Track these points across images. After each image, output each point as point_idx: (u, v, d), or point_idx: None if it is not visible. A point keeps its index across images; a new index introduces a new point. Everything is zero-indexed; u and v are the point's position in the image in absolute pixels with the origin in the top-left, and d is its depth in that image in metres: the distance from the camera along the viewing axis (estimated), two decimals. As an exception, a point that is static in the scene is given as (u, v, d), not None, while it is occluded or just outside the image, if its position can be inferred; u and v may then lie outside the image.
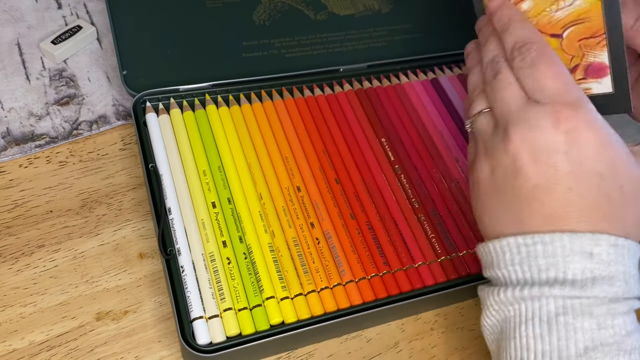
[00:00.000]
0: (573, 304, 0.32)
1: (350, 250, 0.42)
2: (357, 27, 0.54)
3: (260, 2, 0.53)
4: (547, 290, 0.32)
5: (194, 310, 0.38)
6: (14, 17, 0.53)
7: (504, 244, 0.34)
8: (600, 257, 0.32)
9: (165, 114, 0.46)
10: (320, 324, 0.39)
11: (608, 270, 0.32)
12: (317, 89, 0.50)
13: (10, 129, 0.47)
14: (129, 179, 0.47)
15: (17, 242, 0.43)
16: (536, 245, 0.33)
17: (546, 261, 0.32)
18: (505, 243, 0.33)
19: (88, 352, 0.39)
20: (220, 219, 0.42)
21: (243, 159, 0.45)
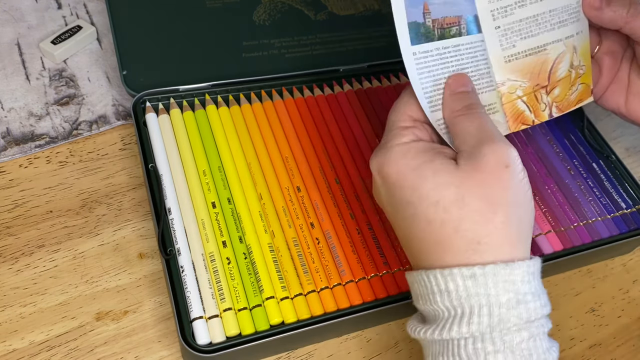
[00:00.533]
0: (446, 346, 0.31)
1: (350, 250, 0.42)
2: (357, 27, 0.54)
3: (260, 2, 0.53)
4: (427, 334, 0.31)
5: (193, 310, 0.38)
6: (14, 17, 0.53)
7: (407, 280, 0.35)
8: (457, 293, 0.30)
9: (165, 114, 0.46)
10: (320, 324, 0.39)
11: (467, 307, 0.30)
12: (317, 89, 0.50)
13: (10, 129, 0.47)
14: (129, 179, 0.47)
15: (17, 242, 0.43)
16: (414, 284, 0.33)
17: (423, 301, 0.32)
18: (407, 280, 0.35)
19: (88, 352, 0.39)
20: (220, 219, 0.42)
21: (243, 159, 0.45)
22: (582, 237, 0.46)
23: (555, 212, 0.46)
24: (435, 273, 0.31)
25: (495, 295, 0.30)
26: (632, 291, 0.48)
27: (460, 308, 0.30)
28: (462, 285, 0.30)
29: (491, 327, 0.30)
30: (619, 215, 0.47)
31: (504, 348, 0.29)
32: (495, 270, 0.30)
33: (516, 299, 0.30)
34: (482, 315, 0.30)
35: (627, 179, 0.50)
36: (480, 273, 0.30)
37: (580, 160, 0.50)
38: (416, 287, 0.33)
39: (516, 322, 0.30)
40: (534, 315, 0.30)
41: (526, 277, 0.31)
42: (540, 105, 0.42)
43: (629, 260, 0.50)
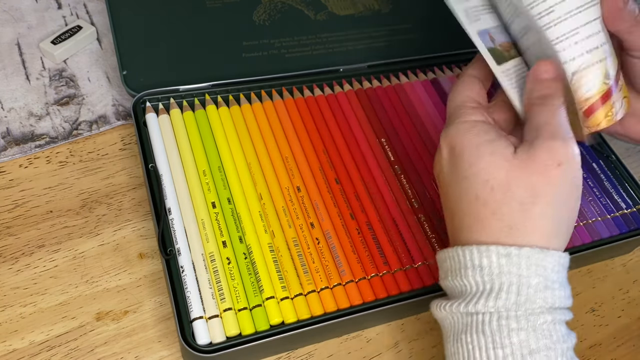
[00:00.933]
0: (470, 321, 0.32)
1: (350, 250, 0.42)
2: (357, 27, 0.54)
3: (260, 2, 0.53)
4: (453, 307, 0.33)
5: (193, 310, 0.38)
6: (14, 17, 0.53)
7: (437, 259, 0.36)
8: (490, 269, 0.32)
9: (165, 114, 0.46)
10: (320, 324, 0.39)
11: (497, 283, 0.31)
12: (317, 89, 0.50)
13: (10, 129, 0.47)
14: (129, 179, 0.47)
15: (17, 242, 0.43)
16: (446, 261, 0.34)
17: (452, 276, 0.33)
18: (437, 258, 0.36)
19: (88, 352, 0.39)
20: (220, 219, 0.42)
21: (243, 159, 0.45)
22: (582, 237, 0.46)
23: (555, 212, 0.46)
24: (472, 249, 0.32)
25: (526, 277, 0.31)
26: (632, 291, 0.48)
27: (490, 284, 0.31)
28: (496, 262, 0.31)
29: (517, 304, 0.31)
30: (619, 215, 0.47)
31: (528, 326, 0.31)
32: (530, 253, 0.31)
33: (545, 284, 0.31)
34: (511, 293, 0.31)
35: (627, 179, 0.50)
36: (516, 253, 0.31)
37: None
38: (448, 263, 0.34)
39: (541, 304, 0.31)
40: (558, 302, 0.32)
41: (557, 267, 0.32)
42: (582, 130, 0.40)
43: (629, 260, 0.50)
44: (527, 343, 0.31)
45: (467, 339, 0.32)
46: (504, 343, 0.31)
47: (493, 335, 0.31)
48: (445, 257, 0.34)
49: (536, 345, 0.30)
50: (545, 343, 0.31)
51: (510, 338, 0.31)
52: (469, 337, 0.32)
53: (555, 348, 0.31)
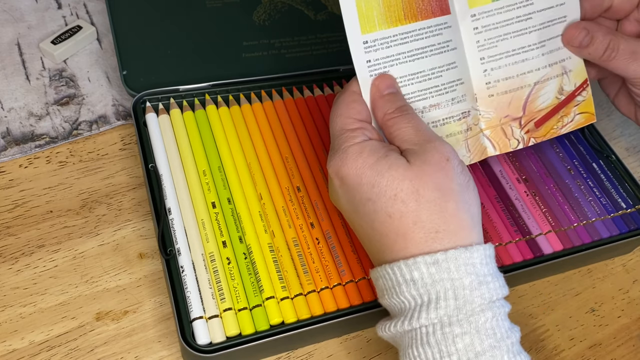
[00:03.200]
0: (415, 335, 0.32)
1: (350, 250, 0.42)
2: (357, 27, 0.54)
3: (260, 2, 0.53)
4: (396, 326, 0.32)
5: (193, 310, 0.38)
6: (14, 17, 0.53)
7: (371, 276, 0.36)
8: (422, 280, 0.32)
9: (165, 114, 0.46)
10: (320, 324, 0.39)
11: (433, 293, 0.31)
12: (317, 89, 0.50)
13: (10, 129, 0.47)
14: (129, 179, 0.47)
15: (17, 242, 0.43)
16: (378, 280, 0.34)
17: (389, 295, 0.33)
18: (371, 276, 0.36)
19: (88, 352, 0.39)
20: (220, 219, 0.42)
21: (243, 159, 0.45)
22: (582, 237, 0.46)
23: (555, 212, 0.46)
24: (400, 264, 0.32)
25: (458, 279, 0.31)
26: (632, 291, 0.48)
27: (427, 295, 0.31)
28: (427, 272, 0.31)
29: (458, 309, 0.31)
30: (619, 215, 0.47)
31: (471, 329, 0.31)
32: (456, 254, 0.31)
33: (478, 281, 0.32)
34: (448, 299, 0.31)
35: (627, 179, 0.50)
36: (443, 259, 0.31)
37: (580, 160, 0.50)
38: (381, 282, 0.34)
39: (480, 302, 0.31)
40: (495, 295, 0.32)
41: (484, 259, 0.32)
42: (509, 141, 0.41)
43: (629, 260, 0.50)
44: (472, 347, 0.31)
45: (415, 353, 0.31)
46: (450, 351, 0.31)
47: (439, 345, 0.31)
48: (377, 277, 0.34)
49: (481, 347, 0.31)
50: (490, 343, 0.31)
51: (456, 345, 0.31)
52: (415, 350, 0.31)
53: (500, 346, 0.31)
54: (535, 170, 0.48)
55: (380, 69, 0.37)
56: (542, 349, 0.44)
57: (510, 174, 0.47)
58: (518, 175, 0.48)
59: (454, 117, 0.39)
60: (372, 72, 0.36)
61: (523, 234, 0.45)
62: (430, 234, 0.32)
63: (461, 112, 0.39)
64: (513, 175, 0.47)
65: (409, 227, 0.32)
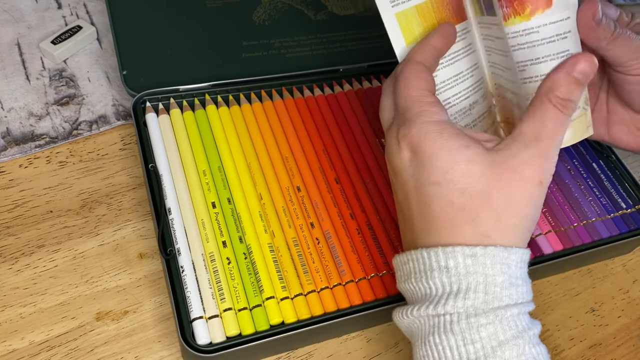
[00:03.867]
0: (438, 322, 0.32)
1: (350, 250, 0.42)
2: (357, 27, 0.54)
3: (260, 2, 0.53)
4: (420, 310, 0.32)
5: (193, 310, 0.38)
6: (14, 17, 0.53)
7: (395, 262, 0.35)
8: (456, 270, 0.31)
9: (165, 114, 0.46)
10: (320, 324, 0.39)
11: (464, 283, 0.31)
12: (317, 89, 0.50)
13: (10, 129, 0.47)
14: (129, 179, 0.47)
15: (17, 242, 0.43)
16: (408, 263, 0.34)
17: (415, 279, 0.33)
18: (395, 261, 0.35)
19: (88, 352, 0.39)
20: (220, 219, 0.42)
21: (243, 159, 0.45)
22: (582, 237, 0.46)
23: (555, 212, 0.46)
24: (437, 250, 0.32)
25: (492, 275, 0.31)
26: (632, 291, 0.48)
27: (457, 284, 0.31)
28: (463, 262, 0.31)
29: (486, 302, 0.31)
30: (619, 215, 0.47)
31: (495, 320, 0.31)
32: (495, 252, 0.31)
33: (509, 281, 0.32)
34: (478, 292, 0.31)
35: (627, 179, 0.50)
36: (481, 253, 0.31)
37: (580, 160, 0.50)
38: (410, 265, 0.33)
39: (507, 301, 0.31)
40: (521, 298, 0.32)
41: (519, 263, 0.32)
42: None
43: (629, 260, 0.50)
44: (495, 336, 0.31)
45: (436, 340, 0.31)
46: (474, 339, 0.31)
47: (463, 333, 0.31)
48: (406, 260, 0.34)
49: (504, 336, 0.31)
50: (513, 333, 0.31)
51: (480, 333, 0.31)
52: (438, 338, 0.31)
53: (522, 336, 0.31)
54: (535, 170, 0.48)
55: None
56: (542, 349, 0.44)
57: (510, 174, 0.47)
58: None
59: (486, 112, 0.41)
60: None
61: (523, 234, 0.45)
62: (479, 236, 0.32)
63: (489, 107, 0.41)
64: (513, 175, 0.47)
65: (463, 221, 0.32)
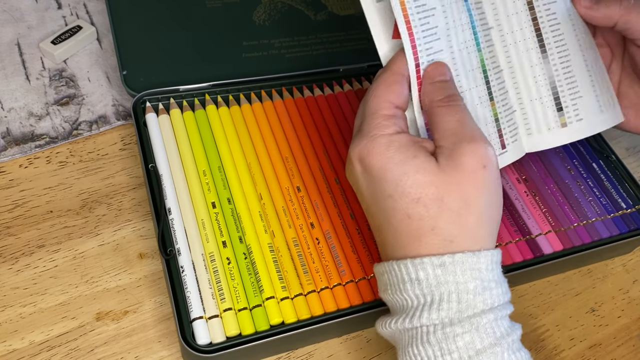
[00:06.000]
0: (415, 334, 0.32)
1: (350, 250, 0.42)
2: (357, 27, 0.54)
3: (260, 2, 0.53)
4: (397, 323, 0.32)
5: (193, 310, 0.38)
6: (14, 17, 0.53)
7: (375, 272, 0.36)
8: (427, 281, 0.31)
9: (165, 114, 0.46)
10: (320, 324, 0.39)
11: (437, 294, 0.31)
12: (317, 89, 0.50)
13: (10, 129, 0.47)
14: (129, 179, 0.47)
15: (17, 242, 0.43)
16: (384, 275, 0.34)
17: (392, 291, 0.33)
18: (375, 271, 0.35)
19: (88, 352, 0.39)
20: (220, 219, 0.42)
21: (243, 159, 0.45)
22: (582, 237, 0.46)
23: (555, 212, 0.46)
24: (407, 262, 0.32)
25: (463, 283, 0.31)
26: (632, 291, 0.48)
27: (430, 296, 0.31)
28: (432, 273, 0.31)
29: (460, 312, 0.31)
30: (619, 215, 0.47)
31: (472, 328, 0.31)
32: (464, 259, 0.31)
33: (482, 286, 0.32)
34: (452, 302, 0.31)
35: (627, 179, 0.50)
36: (450, 262, 0.31)
37: (580, 160, 0.50)
38: (386, 277, 0.34)
39: (482, 307, 0.31)
40: (497, 301, 0.32)
41: (490, 265, 0.32)
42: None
43: (629, 260, 0.50)
44: (472, 344, 0.31)
45: (414, 351, 0.31)
46: (451, 349, 0.31)
47: (439, 343, 0.31)
48: (382, 271, 0.34)
49: (481, 345, 0.31)
50: (490, 341, 0.31)
51: (456, 343, 0.31)
52: (416, 349, 0.31)
53: (500, 344, 0.31)
54: (535, 170, 0.48)
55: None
56: (542, 349, 0.44)
57: (510, 174, 0.47)
58: (518, 175, 0.48)
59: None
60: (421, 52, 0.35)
61: (523, 234, 0.45)
62: (445, 242, 0.32)
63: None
64: (513, 175, 0.47)
65: (425, 231, 0.32)
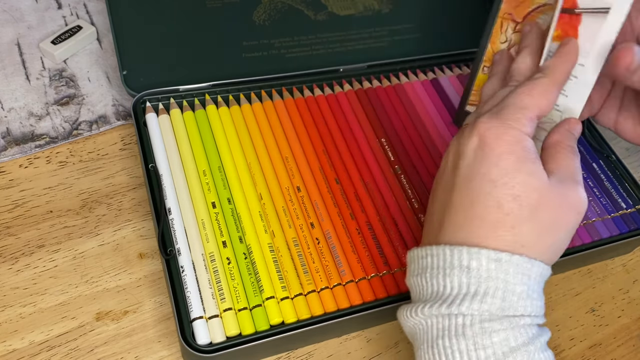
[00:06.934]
0: (449, 324, 0.32)
1: (350, 250, 0.42)
2: (357, 27, 0.54)
3: (260, 2, 0.53)
4: (432, 309, 0.32)
5: (194, 310, 0.38)
6: (14, 17, 0.53)
7: (411, 255, 0.35)
8: (478, 272, 0.31)
9: (165, 114, 0.46)
10: (320, 324, 0.39)
11: (483, 286, 0.31)
12: (317, 89, 0.50)
13: (10, 129, 0.47)
14: (129, 179, 0.47)
15: (17, 242, 0.43)
16: (426, 257, 0.33)
17: (431, 275, 0.33)
18: (411, 254, 0.35)
19: (88, 352, 0.39)
20: (220, 219, 0.42)
21: (243, 159, 0.45)
22: (582, 237, 0.46)
23: (555, 212, 0.46)
24: (462, 249, 0.32)
25: (512, 284, 0.31)
26: (632, 291, 0.48)
27: (476, 286, 0.31)
28: (486, 266, 0.31)
29: (502, 309, 0.31)
30: (619, 215, 0.47)
31: (509, 327, 0.31)
32: (520, 261, 0.32)
33: (527, 293, 0.32)
34: (496, 297, 0.31)
35: (627, 179, 0.50)
36: (506, 259, 0.31)
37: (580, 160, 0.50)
38: (428, 260, 0.33)
39: (522, 312, 0.32)
40: (535, 311, 0.32)
41: (539, 277, 0.33)
42: None
43: (629, 260, 0.50)
44: (507, 342, 0.31)
45: (445, 344, 0.31)
46: (485, 344, 0.31)
47: (475, 337, 0.31)
48: (425, 254, 0.33)
49: (515, 343, 0.31)
50: (524, 340, 0.31)
51: (492, 338, 0.31)
52: (448, 341, 0.31)
53: (534, 343, 0.31)
54: (535, 170, 0.48)
55: None
56: (542, 349, 0.44)
57: (510, 174, 0.47)
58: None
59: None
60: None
61: (523, 234, 0.45)
62: (516, 245, 0.32)
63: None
64: (513, 175, 0.47)
65: (505, 226, 0.32)
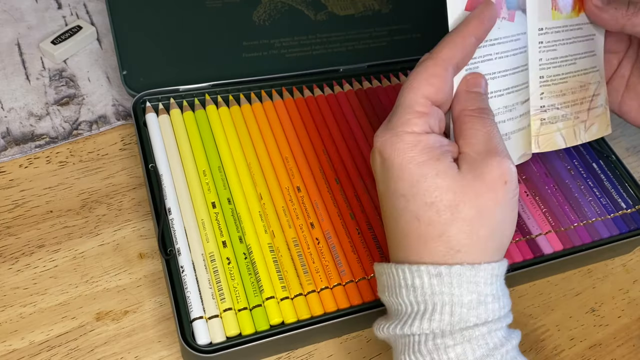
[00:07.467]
0: (407, 342, 0.31)
1: (350, 250, 0.42)
2: (357, 27, 0.54)
3: (260, 2, 0.53)
4: (389, 329, 0.32)
5: (193, 310, 0.38)
6: (14, 17, 0.53)
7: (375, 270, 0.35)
8: (422, 289, 0.31)
9: (165, 114, 0.46)
10: (320, 324, 0.39)
11: (430, 304, 0.31)
12: (317, 89, 0.50)
13: (10, 129, 0.47)
14: (129, 179, 0.47)
15: (17, 242, 0.43)
16: (382, 275, 0.33)
17: (389, 293, 0.33)
18: (375, 269, 0.35)
19: (88, 352, 0.39)
20: (220, 219, 0.42)
21: (243, 159, 0.45)
22: (582, 237, 0.46)
23: (555, 212, 0.46)
24: (404, 267, 0.31)
25: (458, 295, 0.30)
26: (632, 291, 0.48)
27: (424, 304, 0.31)
28: (428, 282, 0.31)
29: (452, 324, 0.30)
30: (619, 215, 0.47)
31: (463, 340, 0.30)
32: (461, 271, 0.31)
33: (478, 300, 0.31)
34: (444, 313, 0.30)
35: (627, 179, 0.50)
36: (446, 273, 0.31)
37: (580, 160, 0.50)
38: (384, 278, 0.33)
39: (475, 321, 0.31)
40: (491, 316, 0.31)
41: (489, 279, 0.31)
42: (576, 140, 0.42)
43: (629, 260, 0.50)
44: (464, 356, 0.30)
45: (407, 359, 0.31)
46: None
47: (431, 354, 0.30)
48: (381, 272, 0.33)
49: (473, 356, 0.30)
50: (482, 352, 0.30)
51: (448, 354, 0.30)
52: (407, 357, 0.31)
53: (493, 354, 0.30)
54: (535, 170, 0.48)
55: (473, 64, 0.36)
56: (542, 349, 0.44)
57: (510, 174, 0.47)
58: (518, 175, 0.47)
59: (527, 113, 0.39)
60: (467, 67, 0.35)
61: (523, 234, 0.45)
62: (451, 252, 0.31)
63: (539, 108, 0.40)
64: (513, 175, 0.47)
65: (433, 237, 0.31)
